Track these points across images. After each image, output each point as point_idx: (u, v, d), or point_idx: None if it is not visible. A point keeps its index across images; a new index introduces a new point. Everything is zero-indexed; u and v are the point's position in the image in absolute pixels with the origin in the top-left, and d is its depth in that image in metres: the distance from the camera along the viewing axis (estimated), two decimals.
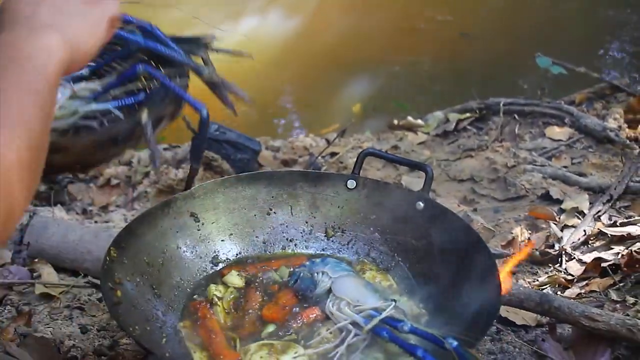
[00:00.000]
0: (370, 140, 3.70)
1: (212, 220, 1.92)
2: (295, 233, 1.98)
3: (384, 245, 1.94)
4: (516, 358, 1.98)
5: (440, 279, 1.78)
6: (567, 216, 2.68)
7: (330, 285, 1.72)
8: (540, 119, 3.61)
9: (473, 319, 1.57)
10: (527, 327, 2.09)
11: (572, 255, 2.39)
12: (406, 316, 1.62)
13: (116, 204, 3.22)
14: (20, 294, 2.27)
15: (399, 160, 2.14)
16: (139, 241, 1.74)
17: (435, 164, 3.29)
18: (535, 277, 2.36)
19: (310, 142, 3.68)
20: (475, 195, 3.03)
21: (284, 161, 3.49)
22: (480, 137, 3.61)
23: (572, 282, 2.27)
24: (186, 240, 1.86)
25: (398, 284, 1.83)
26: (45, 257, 2.43)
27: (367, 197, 1.97)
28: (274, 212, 1.98)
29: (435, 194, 3.02)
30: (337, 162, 3.38)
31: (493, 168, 3.15)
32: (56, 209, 2.89)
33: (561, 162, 3.19)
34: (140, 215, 1.81)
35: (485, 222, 2.68)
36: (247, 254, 1.94)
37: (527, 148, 3.34)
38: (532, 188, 2.94)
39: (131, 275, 1.67)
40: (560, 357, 1.94)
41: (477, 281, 1.66)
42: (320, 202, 1.99)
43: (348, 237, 1.97)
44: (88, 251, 2.38)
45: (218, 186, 1.94)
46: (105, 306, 2.08)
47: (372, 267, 1.88)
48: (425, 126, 3.81)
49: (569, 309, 1.92)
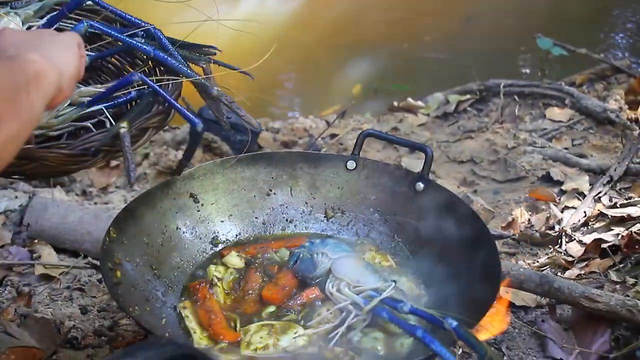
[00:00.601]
0: (370, 122, 3.69)
1: (212, 201, 1.91)
2: (295, 214, 1.98)
3: (383, 226, 1.93)
4: (516, 339, 1.98)
5: (440, 260, 1.78)
6: (567, 197, 2.67)
7: (330, 266, 1.71)
8: (541, 101, 3.60)
9: (473, 300, 1.57)
10: (527, 308, 2.10)
11: (572, 236, 2.39)
12: (406, 297, 1.62)
13: (116, 185, 3.22)
14: (21, 275, 2.27)
15: (399, 141, 2.13)
16: (138, 222, 1.74)
17: (435, 146, 3.28)
18: (535, 258, 2.36)
19: (310, 124, 3.67)
20: (475, 176, 3.03)
21: (283, 143, 3.48)
22: (480, 118, 3.60)
23: (572, 264, 2.27)
24: (186, 221, 1.86)
25: (398, 265, 1.83)
26: (45, 238, 2.43)
27: (367, 178, 1.96)
28: (273, 193, 1.98)
29: (435, 175, 3.01)
30: (337, 143, 3.38)
31: (493, 149, 3.14)
32: (56, 191, 2.88)
33: (561, 144, 3.19)
34: (140, 196, 1.80)
35: (485, 203, 2.68)
36: (246, 235, 1.94)
37: (528, 129, 3.34)
38: (532, 169, 2.94)
39: (131, 256, 1.66)
40: (560, 337, 1.94)
41: (477, 262, 1.66)
42: (320, 183, 1.99)
43: (348, 218, 1.97)
44: (88, 232, 2.38)
45: (217, 167, 1.93)
46: (105, 287, 2.08)
47: (371, 248, 1.88)
48: (426, 108, 3.80)
49: (569, 289, 1.92)
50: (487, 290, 1.56)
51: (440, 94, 3.90)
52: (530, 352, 1.94)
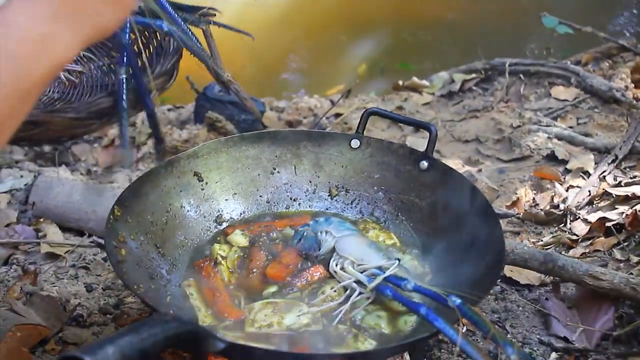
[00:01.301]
0: (374, 101, 3.68)
1: (216, 180, 1.92)
2: (299, 192, 1.98)
3: (387, 204, 1.94)
4: (519, 317, 1.99)
5: (444, 238, 1.78)
6: (572, 176, 2.67)
7: (334, 244, 1.72)
8: (546, 79, 3.59)
9: (477, 277, 1.57)
10: (531, 286, 2.10)
11: (576, 215, 2.39)
12: (410, 275, 1.63)
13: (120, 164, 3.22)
14: (26, 253, 2.28)
15: (403, 120, 2.13)
16: (142, 200, 1.74)
17: (440, 125, 3.28)
18: (540, 237, 2.36)
19: (314, 103, 3.66)
20: (480, 155, 3.02)
21: (288, 122, 3.48)
22: (485, 97, 3.60)
23: (576, 242, 2.27)
24: (190, 199, 1.86)
25: (402, 243, 1.84)
26: (50, 216, 2.44)
27: (371, 157, 1.96)
28: (277, 171, 1.98)
29: (440, 154, 3.01)
30: (342, 122, 3.37)
31: (498, 128, 3.14)
32: (61, 170, 2.89)
33: (567, 123, 3.18)
34: (144, 175, 1.81)
35: (489, 182, 2.68)
36: (251, 214, 1.95)
37: (533, 108, 3.33)
38: (537, 148, 2.93)
39: (135, 234, 1.67)
40: (564, 315, 1.95)
41: (481, 240, 1.66)
42: (324, 161, 1.99)
43: (352, 197, 1.97)
44: (93, 211, 2.39)
45: (222, 145, 1.93)
46: (110, 265, 2.09)
47: (375, 226, 1.88)
48: (430, 87, 3.79)
49: (573, 267, 1.93)
50: (491, 269, 1.57)
51: (445, 73, 3.90)
52: (534, 330, 1.94)
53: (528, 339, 1.91)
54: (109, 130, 3.47)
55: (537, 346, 1.89)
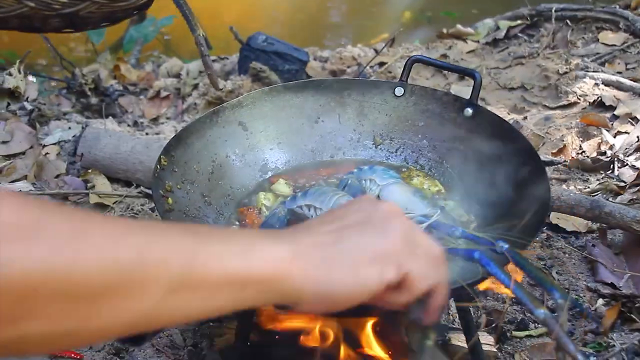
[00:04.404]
0: (419, 50, 3.65)
1: (261, 129, 1.92)
2: (343, 141, 1.98)
3: (432, 152, 1.92)
4: (566, 264, 1.98)
5: (489, 185, 1.77)
6: (620, 122, 2.64)
7: (378, 192, 1.71)
8: (594, 24, 3.52)
9: (522, 224, 1.57)
10: (578, 233, 2.09)
11: (624, 161, 2.36)
12: (455, 222, 1.62)
13: (166, 116, 3.25)
14: (76, 204, 2.32)
15: (447, 67, 2.10)
16: (188, 150, 1.75)
17: (485, 73, 3.24)
18: (587, 184, 2.34)
19: (358, 52, 3.65)
20: (526, 103, 3.00)
21: (332, 71, 3.47)
22: (531, 44, 3.55)
23: (624, 189, 2.25)
24: (235, 149, 1.87)
25: (446, 190, 1.83)
26: (99, 167, 2.47)
27: (415, 105, 1.95)
28: (321, 120, 1.98)
29: (485, 102, 2.99)
30: (386, 71, 3.35)
31: (544, 75, 3.10)
32: (108, 121, 2.92)
33: (615, 68, 3.13)
34: (190, 125, 1.81)
35: (535, 129, 2.65)
36: (295, 163, 1.95)
37: (580, 54, 3.28)
38: (584, 95, 2.90)
39: (181, 184, 1.68)
40: (611, 262, 1.94)
41: (526, 187, 1.65)
42: (368, 110, 1.98)
43: (396, 145, 1.97)
44: (140, 161, 2.42)
45: (265, 95, 1.93)
46: (157, 215, 2.12)
47: (419, 174, 1.87)
48: (475, 34, 3.75)
49: (620, 214, 1.91)
50: (536, 216, 1.56)
51: (490, 20, 3.85)
52: (581, 277, 1.94)
53: (575, 286, 1.90)
54: (153, 81, 3.49)
55: (584, 292, 1.89)
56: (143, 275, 0.72)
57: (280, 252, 0.85)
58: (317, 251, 0.90)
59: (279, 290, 0.84)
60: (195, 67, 3.58)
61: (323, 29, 4.87)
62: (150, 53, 4.45)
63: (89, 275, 0.68)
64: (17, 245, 0.64)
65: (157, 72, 3.81)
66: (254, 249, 0.83)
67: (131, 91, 3.49)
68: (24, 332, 0.66)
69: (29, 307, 0.65)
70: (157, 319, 0.77)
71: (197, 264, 0.77)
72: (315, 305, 0.88)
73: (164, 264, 0.74)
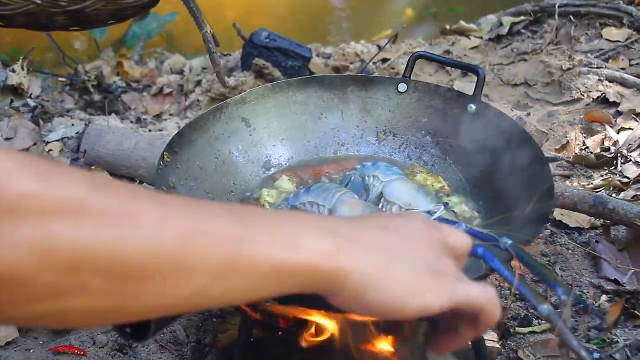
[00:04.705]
0: (422, 46, 3.65)
1: (264, 126, 1.92)
2: (347, 137, 1.98)
3: (435, 148, 1.92)
4: (570, 260, 1.98)
5: (493, 182, 1.77)
6: (623, 119, 2.64)
7: (381, 189, 1.72)
8: (597, 20, 3.52)
9: (526, 221, 1.56)
10: (581, 229, 2.09)
11: (628, 157, 2.36)
12: (459, 219, 1.62)
13: (169, 112, 3.25)
14: None
15: (450, 63, 2.10)
16: (191, 146, 1.75)
17: (489, 69, 3.24)
18: (590, 180, 2.34)
19: (361, 49, 3.65)
20: (529, 99, 2.99)
21: (335, 68, 3.47)
22: (534, 40, 3.54)
23: (627, 185, 2.25)
24: (238, 145, 1.87)
25: (450, 187, 1.83)
26: (102, 164, 2.48)
27: (419, 101, 1.95)
28: (325, 116, 1.98)
29: (489, 99, 2.99)
30: (389, 68, 3.35)
31: (548, 72, 3.09)
32: (111, 118, 2.92)
33: (619, 64, 3.12)
34: (193, 121, 1.81)
35: (539, 125, 2.65)
36: (299, 159, 1.95)
37: (583, 50, 3.27)
38: (587, 91, 2.89)
39: (185, 180, 1.68)
40: (615, 258, 1.94)
41: (530, 183, 1.65)
42: (372, 106, 1.98)
43: (400, 141, 1.96)
44: (143, 158, 2.42)
45: (269, 91, 1.93)
46: None
47: (423, 170, 1.87)
48: (479, 30, 3.74)
49: (624, 210, 1.91)
50: (540, 212, 1.56)
51: (493, 16, 3.85)
52: (584, 273, 1.94)
53: (578, 282, 1.90)
54: (157, 78, 3.49)
55: (588, 289, 1.89)
56: (189, 259, 0.72)
57: (327, 245, 0.83)
58: (369, 250, 0.88)
59: (321, 282, 0.83)
60: (198, 64, 3.58)
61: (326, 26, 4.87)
62: (154, 50, 4.45)
63: (134, 255, 0.68)
64: (66, 220, 0.64)
65: (161, 68, 3.81)
66: (300, 240, 0.82)
67: (134, 88, 3.49)
68: (66, 306, 0.66)
69: (73, 282, 0.65)
70: (201, 302, 0.77)
71: (242, 251, 0.76)
72: (354, 304, 0.86)
73: (211, 248, 0.74)
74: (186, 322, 1.82)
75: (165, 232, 0.71)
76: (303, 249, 0.81)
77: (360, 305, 0.86)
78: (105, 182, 0.71)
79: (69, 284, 0.65)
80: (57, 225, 0.63)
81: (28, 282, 0.63)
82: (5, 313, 0.65)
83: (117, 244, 0.66)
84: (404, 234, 0.94)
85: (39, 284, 0.63)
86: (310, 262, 0.81)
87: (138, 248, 0.68)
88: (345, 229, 0.90)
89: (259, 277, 0.78)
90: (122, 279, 0.68)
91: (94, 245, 0.65)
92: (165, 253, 0.70)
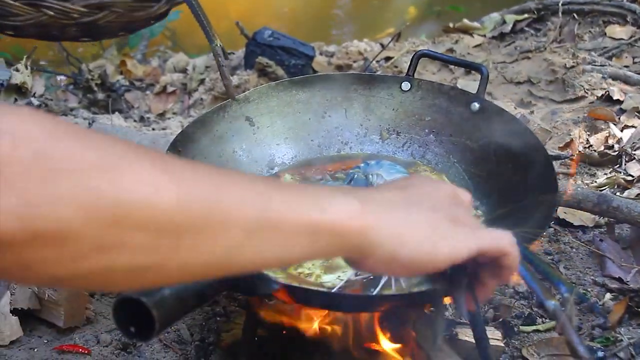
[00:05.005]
0: (425, 44, 3.65)
1: (267, 124, 1.92)
2: (350, 136, 1.98)
3: (439, 146, 1.92)
4: (573, 258, 1.98)
5: (496, 180, 1.77)
6: (627, 116, 2.63)
7: None
8: (601, 18, 3.51)
9: (530, 218, 1.56)
10: (585, 227, 2.09)
11: (632, 155, 2.36)
12: None
13: (173, 111, 3.25)
14: None
15: (453, 61, 2.11)
16: (195, 145, 1.76)
17: (492, 67, 3.24)
18: (594, 178, 2.34)
19: (364, 47, 3.64)
20: (533, 97, 2.99)
21: (338, 66, 3.47)
22: (538, 38, 3.54)
23: (631, 183, 2.24)
24: (242, 144, 1.87)
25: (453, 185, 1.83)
26: None
27: (422, 99, 1.95)
28: (328, 115, 1.98)
29: (492, 97, 2.98)
30: (392, 66, 3.35)
31: (551, 69, 3.09)
32: (114, 117, 2.93)
33: (622, 62, 3.12)
34: (196, 120, 1.82)
35: (542, 123, 2.65)
36: (302, 157, 1.95)
37: (587, 48, 3.27)
38: (591, 89, 2.89)
39: None
40: (619, 256, 1.94)
41: (534, 181, 1.65)
42: (375, 104, 1.98)
43: (403, 139, 1.96)
44: None
45: (272, 90, 1.94)
46: None
47: (426, 169, 1.87)
48: (482, 28, 3.74)
49: (628, 208, 1.91)
50: (544, 210, 1.55)
51: (496, 14, 3.84)
52: (588, 271, 1.93)
53: (582, 280, 1.90)
54: (160, 77, 3.49)
55: (591, 287, 1.88)
56: (223, 214, 0.74)
57: (354, 205, 0.85)
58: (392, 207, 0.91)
59: (351, 242, 0.85)
60: (201, 62, 3.58)
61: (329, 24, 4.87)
62: (157, 48, 4.45)
63: (169, 210, 0.69)
64: (108, 176, 0.66)
65: (164, 67, 3.81)
66: (327, 201, 0.83)
67: (137, 86, 3.49)
68: (108, 263, 0.68)
69: (116, 237, 0.66)
70: (236, 261, 0.78)
71: (272, 209, 0.78)
72: (387, 262, 0.88)
73: (243, 205, 0.75)
74: (190, 321, 1.83)
75: (198, 188, 0.73)
76: (332, 210, 0.83)
77: (392, 262, 0.89)
78: (137, 147, 0.73)
79: (112, 240, 0.66)
80: (100, 181, 0.65)
81: (74, 238, 0.64)
82: (51, 271, 0.66)
83: (152, 199, 0.68)
84: (419, 190, 0.99)
85: (84, 239, 0.65)
86: (341, 221, 0.83)
87: (172, 203, 0.69)
88: (365, 193, 0.95)
89: (290, 235, 0.79)
90: (161, 233, 0.69)
91: (132, 199, 0.67)
92: (199, 209, 0.72)
